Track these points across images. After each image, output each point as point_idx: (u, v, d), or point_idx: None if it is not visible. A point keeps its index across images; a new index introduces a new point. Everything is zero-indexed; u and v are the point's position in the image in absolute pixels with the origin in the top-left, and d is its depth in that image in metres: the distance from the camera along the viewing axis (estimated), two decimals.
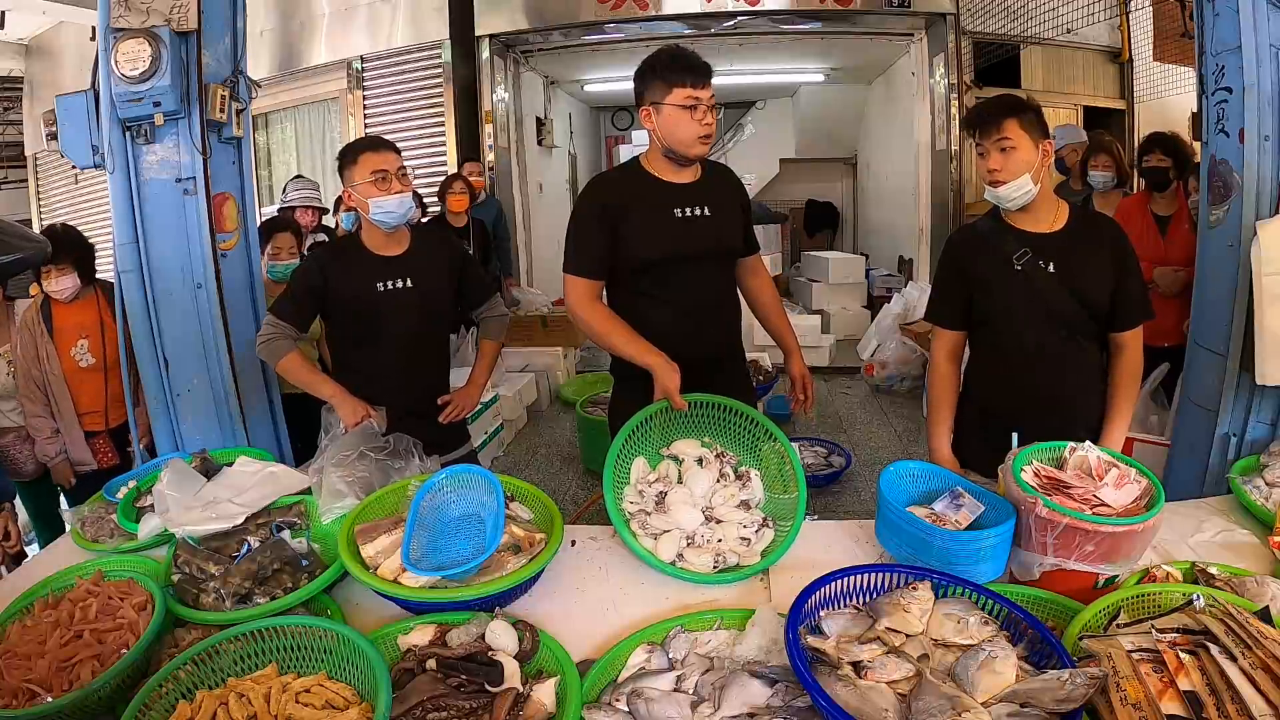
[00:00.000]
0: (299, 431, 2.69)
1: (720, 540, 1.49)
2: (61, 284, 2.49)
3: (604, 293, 1.90)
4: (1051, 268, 1.74)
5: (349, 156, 1.97)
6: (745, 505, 1.58)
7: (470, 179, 4.94)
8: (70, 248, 2.52)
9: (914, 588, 1.20)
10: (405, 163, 2.01)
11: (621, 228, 1.80)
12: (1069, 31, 5.74)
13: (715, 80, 1.78)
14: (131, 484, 1.81)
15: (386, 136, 2.12)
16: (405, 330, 2.01)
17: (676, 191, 1.84)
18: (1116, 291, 1.75)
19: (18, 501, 2.33)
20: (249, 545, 1.47)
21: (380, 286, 1.98)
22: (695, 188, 1.86)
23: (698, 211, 1.84)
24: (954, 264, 1.89)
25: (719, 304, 1.95)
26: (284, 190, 4.16)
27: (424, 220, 4.58)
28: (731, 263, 1.99)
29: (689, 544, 1.48)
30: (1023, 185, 1.70)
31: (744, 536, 1.49)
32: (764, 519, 1.54)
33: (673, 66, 1.73)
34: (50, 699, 1.10)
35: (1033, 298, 1.75)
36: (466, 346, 4.40)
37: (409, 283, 2.00)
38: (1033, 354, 1.78)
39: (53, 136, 2.29)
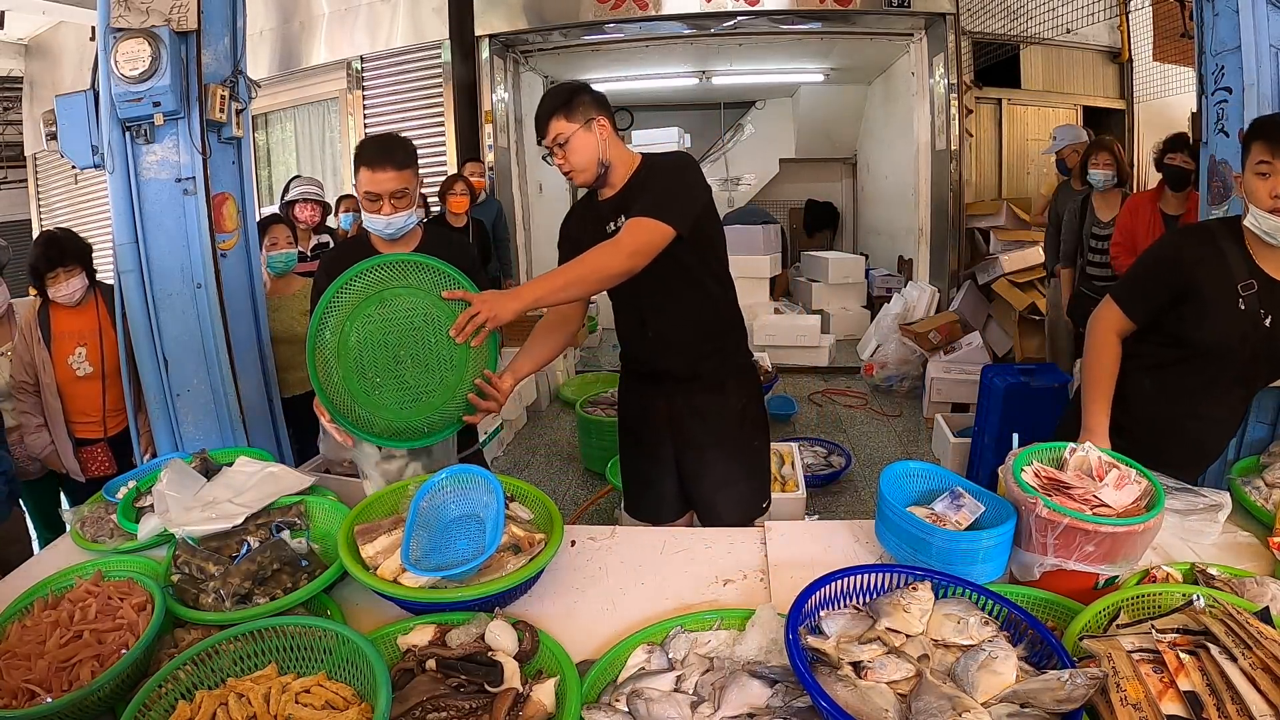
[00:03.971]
0: (298, 432, 2.69)
1: None
2: (72, 285, 2.49)
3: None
4: (1269, 322, 1.56)
5: (355, 161, 1.91)
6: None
7: (471, 179, 4.94)
8: (76, 250, 2.52)
9: (914, 588, 1.20)
10: (418, 164, 1.92)
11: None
12: (1069, 31, 5.74)
13: (715, 80, 1.79)
14: (131, 484, 1.81)
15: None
16: None
17: (603, 207, 1.86)
18: None
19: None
20: (248, 545, 1.47)
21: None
22: (616, 200, 1.82)
23: (621, 224, 1.76)
24: (1175, 263, 1.64)
25: (648, 312, 1.85)
26: (284, 190, 4.16)
27: (425, 220, 4.58)
28: (666, 266, 1.71)
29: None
30: None
31: None
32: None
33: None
34: (50, 699, 1.10)
35: (1241, 343, 1.58)
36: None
37: None
38: (1204, 390, 1.63)
39: (52, 136, 2.28)
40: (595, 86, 1.85)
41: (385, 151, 1.86)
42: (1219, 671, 0.98)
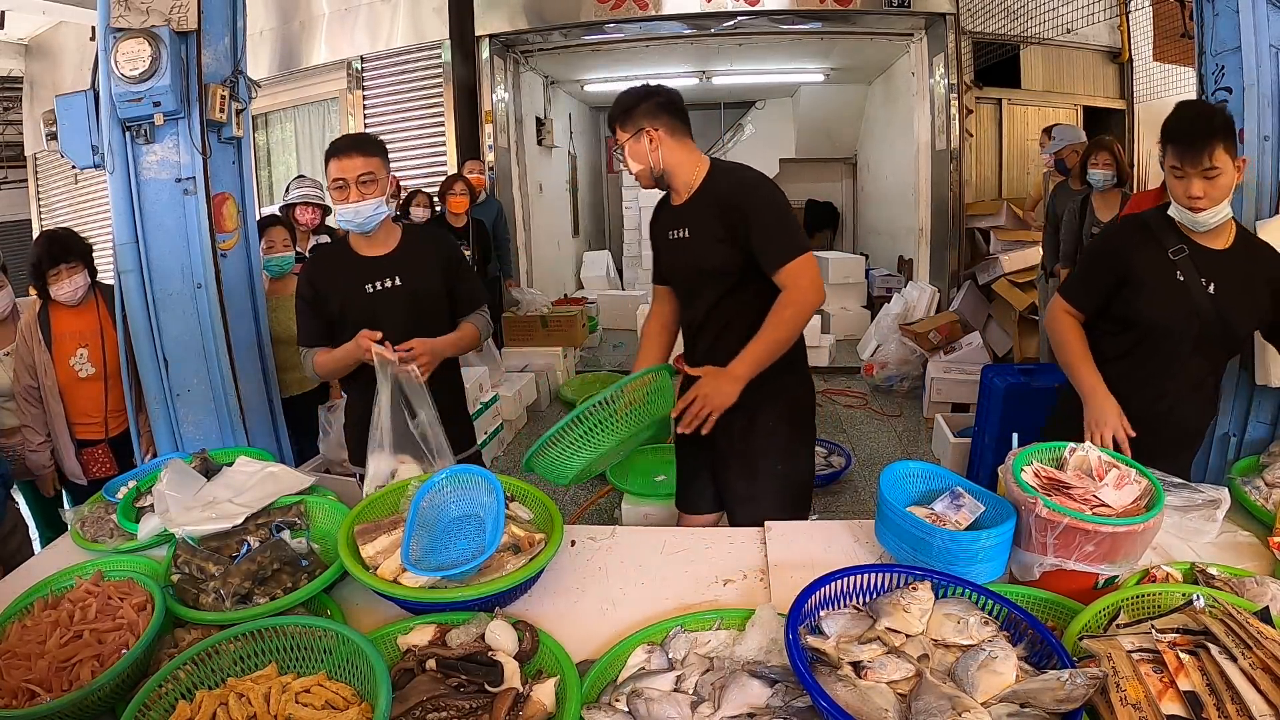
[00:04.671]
0: (298, 432, 2.69)
1: None
2: (75, 283, 2.49)
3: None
4: (1212, 288, 1.66)
5: (325, 158, 1.95)
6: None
7: (470, 177, 4.94)
8: (77, 247, 2.52)
9: (914, 588, 1.20)
10: (388, 158, 1.96)
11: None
12: (1069, 31, 5.74)
13: (715, 80, 1.84)
14: (131, 484, 1.81)
15: (381, 134, 2.09)
16: (401, 330, 1.92)
17: (670, 214, 1.92)
18: (1274, 325, 1.69)
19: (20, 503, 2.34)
20: (248, 545, 1.47)
21: (369, 288, 1.96)
22: (682, 209, 1.87)
23: (681, 234, 1.86)
24: (1112, 252, 1.78)
25: (702, 326, 1.90)
26: (285, 190, 4.17)
27: (427, 220, 4.58)
28: (724, 284, 1.82)
29: None
30: (1221, 210, 1.62)
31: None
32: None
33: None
34: (50, 699, 1.10)
35: (1187, 314, 1.67)
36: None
37: (398, 281, 1.97)
38: (1164, 368, 1.69)
39: (52, 136, 2.28)
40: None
41: (352, 141, 1.93)
42: (1219, 671, 0.98)
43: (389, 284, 1.98)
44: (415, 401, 1.78)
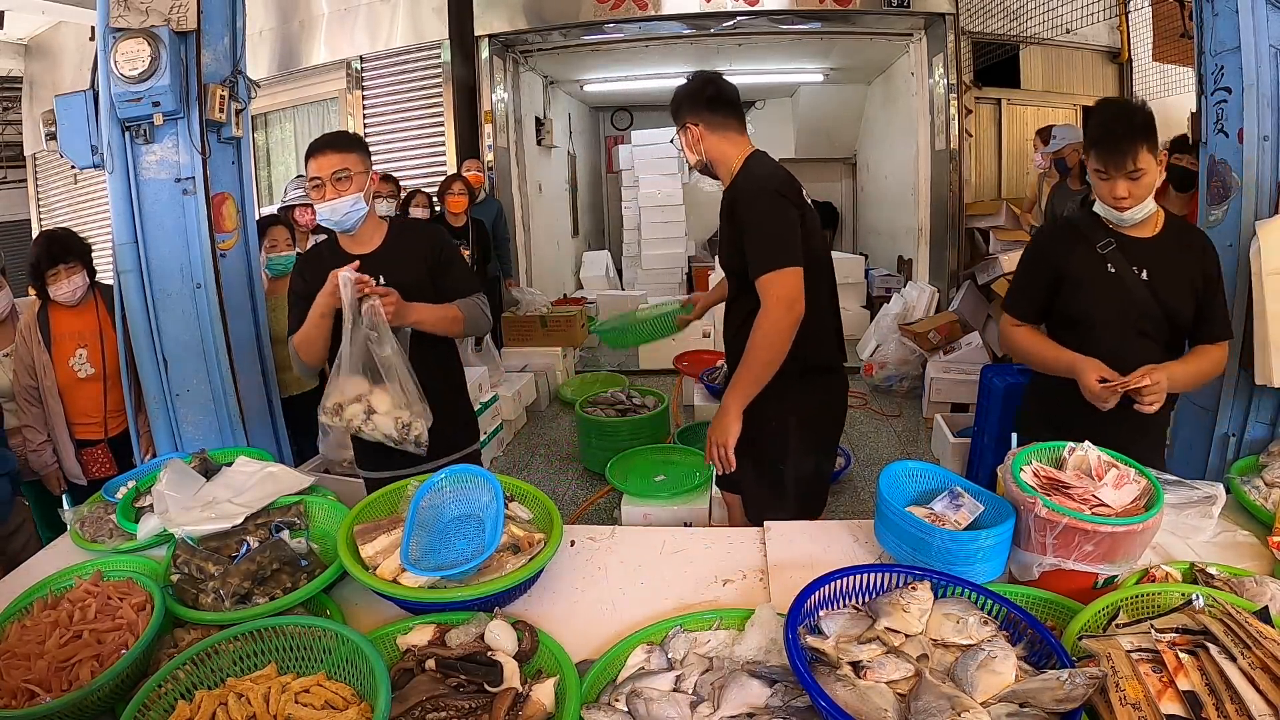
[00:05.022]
0: (298, 432, 2.69)
1: None
2: (73, 283, 2.49)
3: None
4: (1145, 275, 1.70)
5: (305, 160, 1.92)
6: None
7: (468, 175, 4.94)
8: (76, 247, 2.52)
9: (913, 588, 1.20)
10: (367, 153, 1.91)
11: None
12: (1068, 32, 5.74)
13: None
14: (131, 484, 1.81)
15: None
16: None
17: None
18: (1201, 306, 1.72)
19: None
20: (248, 545, 1.47)
21: None
22: (724, 199, 1.92)
23: (718, 226, 1.96)
24: (1040, 256, 1.82)
25: (729, 314, 2.00)
26: (285, 191, 4.17)
27: (395, 216, 4.57)
28: (737, 281, 1.90)
29: None
30: (1146, 206, 1.67)
31: None
32: None
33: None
34: (49, 699, 1.10)
35: (1124, 303, 1.71)
36: (467, 347, 4.40)
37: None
38: (1119, 362, 1.69)
39: (52, 136, 2.28)
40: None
41: (326, 139, 1.89)
42: (1218, 671, 0.98)
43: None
44: (381, 336, 1.74)
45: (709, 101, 1.89)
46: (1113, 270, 1.72)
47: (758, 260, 1.75)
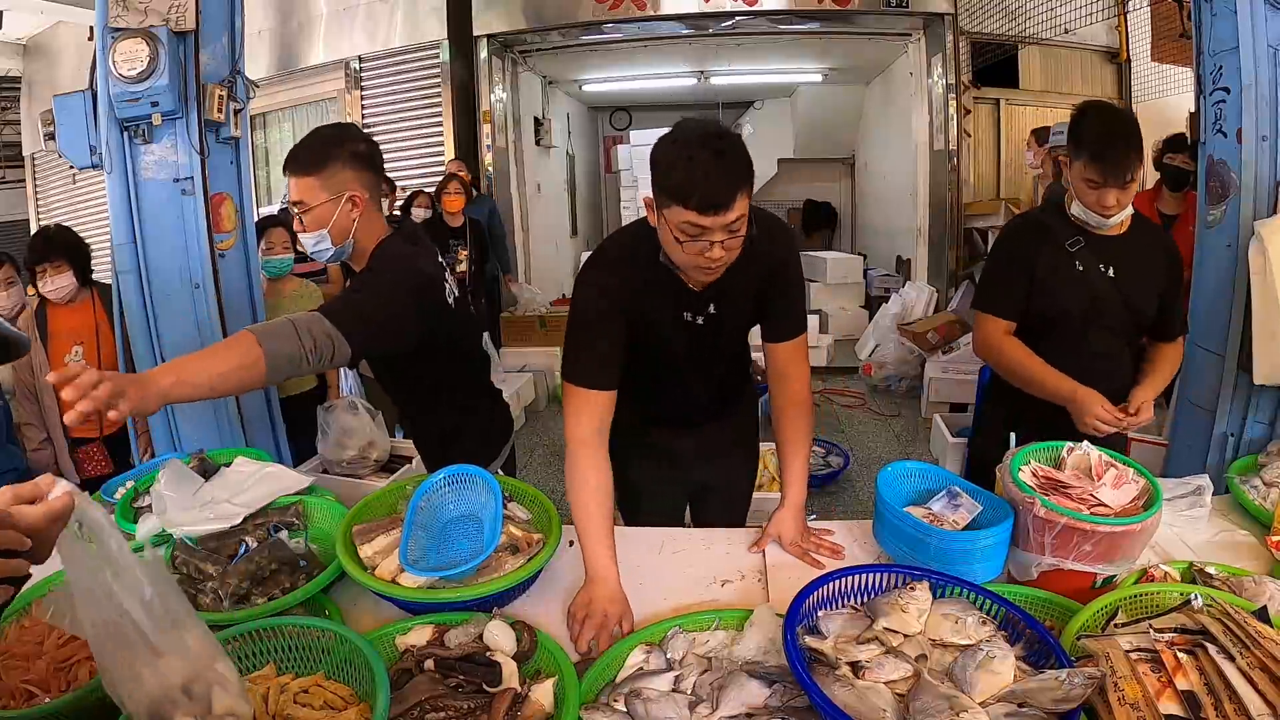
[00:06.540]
0: (297, 432, 2.69)
1: None
2: (57, 283, 2.48)
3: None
4: (1111, 272, 1.72)
5: None
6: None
7: (460, 174, 4.93)
8: (64, 246, 2.51)
9: (912, 588, 1.20)
10: (333, 168, 1.53)
11: None
12: (1067, 32, 5.75)
13: (714, 80, 1.83)
14: (129, 484, 1.81)
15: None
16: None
17: None
18: (1163, 304, 1.75)
19: None
20: (246, 546, 1.46)
21: None
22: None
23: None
24: (1016, 253, 1.82)
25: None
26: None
27: (425, 221, 4.57)
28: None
29: None
30: (1127, 210, 1.70)
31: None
32: None
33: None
34: (48, 699, 1.10)
35: (1091, 301, 1.72)
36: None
37: None
38: (1085, 358, 1.72)
39: (50, 136, 2.28)
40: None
41: (289, 156, 1.56)
42: (1217, 671, 0.98)
43: None
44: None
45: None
46: (1080, 268, 1.73)
47: None
